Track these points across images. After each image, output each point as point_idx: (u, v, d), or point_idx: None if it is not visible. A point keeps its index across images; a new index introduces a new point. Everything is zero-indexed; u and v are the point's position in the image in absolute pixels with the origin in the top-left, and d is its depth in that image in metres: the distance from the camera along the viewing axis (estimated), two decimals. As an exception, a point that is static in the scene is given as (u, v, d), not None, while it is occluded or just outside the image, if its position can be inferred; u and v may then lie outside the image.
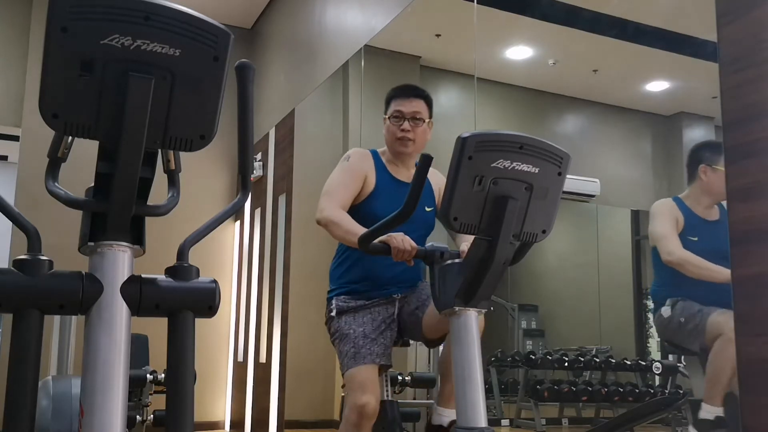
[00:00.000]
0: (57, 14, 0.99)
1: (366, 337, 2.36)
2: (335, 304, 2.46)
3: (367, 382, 2.28)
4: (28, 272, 1.11)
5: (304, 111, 5.09)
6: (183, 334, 1.18)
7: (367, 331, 2.37)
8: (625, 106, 5.24)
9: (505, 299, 5.53)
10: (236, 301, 5.91)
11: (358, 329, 2.38)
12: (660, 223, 2.95)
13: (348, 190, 2.43)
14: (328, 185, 2.45)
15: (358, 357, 2.32)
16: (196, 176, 5.67)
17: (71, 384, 2.02)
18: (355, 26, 4.41)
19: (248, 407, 5.37)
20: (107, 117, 1.05)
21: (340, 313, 2.44)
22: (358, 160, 2.50)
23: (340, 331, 2.42)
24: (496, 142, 1.48)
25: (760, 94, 1.84)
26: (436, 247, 1.77)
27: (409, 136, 2.48)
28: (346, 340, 2.38)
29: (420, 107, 2.50)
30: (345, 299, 2.46)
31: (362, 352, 2.33)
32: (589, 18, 3.95)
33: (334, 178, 2.47)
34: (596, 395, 4.76)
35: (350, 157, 2.52)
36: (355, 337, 2.36)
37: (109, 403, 1.08)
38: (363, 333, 2.37)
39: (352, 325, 2.40)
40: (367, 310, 2.43)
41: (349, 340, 2.37)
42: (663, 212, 2.97)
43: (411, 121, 2.48)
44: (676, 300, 2.89)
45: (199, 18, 1.07)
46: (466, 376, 1.58)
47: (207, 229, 1.28)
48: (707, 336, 2.77)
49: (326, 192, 2.43)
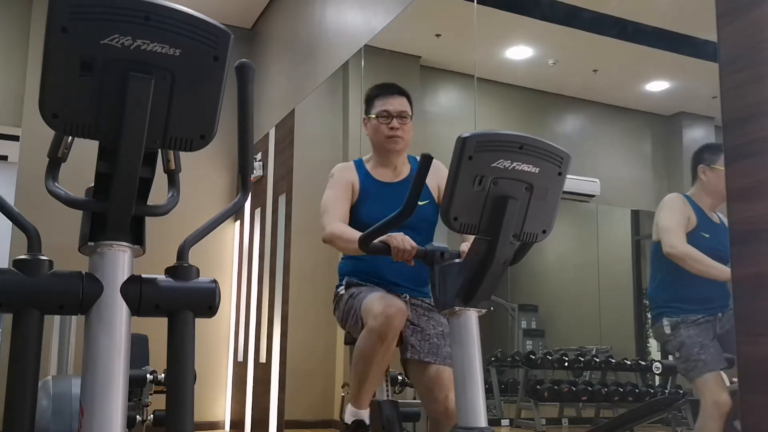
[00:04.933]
0: (57, 14, 0.99)
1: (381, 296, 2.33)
2: (345, 281, 2.50)
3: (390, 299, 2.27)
4: (28, 272, 1.11)
5: (304, 111, 5.09)
6: (183, 334, 1.18)
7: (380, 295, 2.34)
8: (625, 106, 5.24)
9: (505, 299, 5.53)
10: (236, 301, 5.91)
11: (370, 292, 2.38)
12: (668, 216, 2.95)
13: (342, 202, 2.49)
14: (324, 204, 2.51)
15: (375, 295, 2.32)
16: (196, 176, 5.67)
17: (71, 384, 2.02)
18: (355, 26, 4.41)
19: (248, 407, 5.37)
20: (107, 117, 1.05)
21: (350, 286, 2.47)
22: (341, 173, 2.57)
23: (352, 297, 2.42)
24: (496, 142, 1.48)
25: (760, 94, 1.84)
26: (436, 247, 1.77)
27: (398, 134, 2.52)
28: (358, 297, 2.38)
29: (405, 105, 2.56)
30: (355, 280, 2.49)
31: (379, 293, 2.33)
32: (589, 18, 3.95)
33: (326, 196, 2.53)
34: (596, 395, 4.76)
35: (334, 173, 2.59)
36: (368, 291, 2.38)
37: (109, 403, 1.08)
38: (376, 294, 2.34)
39: (362, 290, 2.42)
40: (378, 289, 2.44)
41: (362, 294, 2.38)
42: (674, 206, 2.97)
43: (399, 119, 2.52)
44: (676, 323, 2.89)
45: (199, 18, 1.07)
46: (466, 376, 1.58)
47: (207, 229, 1.28)
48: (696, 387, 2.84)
49: (324, 211, 2.48)
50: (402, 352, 2.46)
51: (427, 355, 2.37)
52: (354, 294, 2.43)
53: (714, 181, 2.89)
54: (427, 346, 2.39)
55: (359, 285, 2.48)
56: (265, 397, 4.98)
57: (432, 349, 2.38)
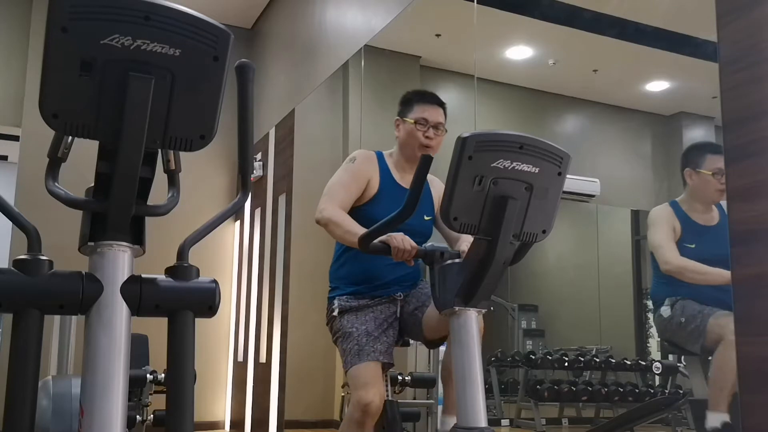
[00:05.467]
0: (57, 14, 0.99)
1: (369, 335, 2.36)
2: (337, 304, 2.46)
3: (371, 379, 2.28)
4: (28, 272, 1.11)
5: (304, 111, 5.08)
6: (183, 334, 1.18)
7: (369, 329, 2.37)
8: (625, 106, 5.23)
9: (505, 299, 5.52)
10: (236, 301, 5.91)
11: (361, 327, 2.38)
12: (657, 232, 2.93)
13: (349, 191, 2.43)
14: (330, 185, 2.46)
15: (362, 354, 2.32)
16: (196, 176, 5.67)
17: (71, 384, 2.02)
18: (355, 26, 4.41)
19: (248, 407, 5.37)
20: (107, 117, 1.05)
21: (342, 312, 2.44)
22: (362, 163, 2.51)
23: (343, 329, 2.41)
24: (496, 142, 1.48)
25: (760, 94, 1.84)
26: (436, 247, 1.77)
27: (432, 143, 2.52)
28: (348, 339, 2.38)
29: (442, 116, 2.56)
30: (347, 299, 2.46)
31: (365, 349, 2.33)
32: (589, 18, 3.95)
33: (336, 179, 2.47)
34: (596, 395, 4.76)
35: (355, 159, 2.52)
36: (358, 335, 2.36)
37: (109, 403, 1.08)
38: (366, 331, 2.37)
39: (354, 323, 2.40)
40: (370, 309, 2.43)
41: (352, 338, 2.37)
42: (659, 221, 2.94)
43: (435, 129, 2.52)
44: (675, 299, 2.87)
45: (199, 18, 1.07)
46: (466, 376, 1.58)
47: (207, 229, 1.28)
48: (708, 338, 2.74)
49: (327, 192, 2.44)
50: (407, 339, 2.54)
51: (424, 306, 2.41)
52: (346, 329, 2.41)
53: (700, 185, 2.82)
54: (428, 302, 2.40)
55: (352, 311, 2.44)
56: (265, 397, 4.98)
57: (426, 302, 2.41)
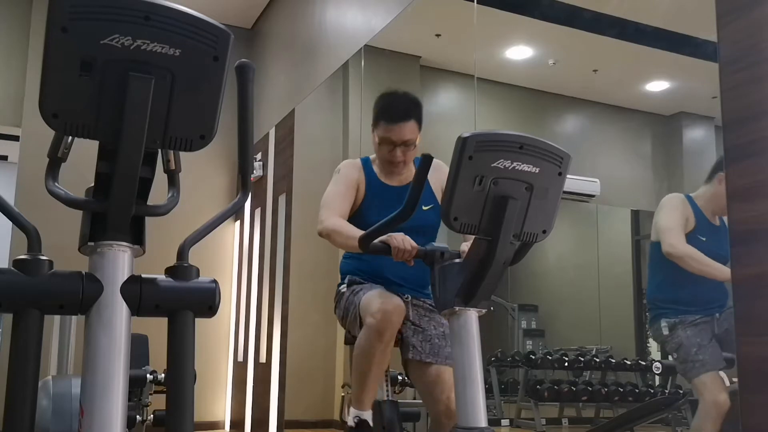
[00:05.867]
0: (57, 14, 0.99)
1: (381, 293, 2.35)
2: (348, 279, 2.51)
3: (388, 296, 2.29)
4: (28, 272, 1.11)
5: (304, 111, 5.08)
6: (183, 334, 1.18)
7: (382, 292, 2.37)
8: (625, 106, 5.23)
9: (505, 299, 5.53)
10: (236, 301, 5.91)
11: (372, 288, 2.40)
12: (668, 216, 2.93)
13: (344, 199, 2.47)
14: (325, 198, 2.49)
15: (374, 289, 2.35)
16: (196, 176, 5.67)
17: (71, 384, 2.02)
18: (355, 26, 4.41)
19: (248, 407, 5.37)
20: (107, 117, 1.05)
21: (351, 284, 2.48)
22: (349, 170, 2.54)
23: (353, 293, 2.43)
24: (496, 142, 1.48)
25: (760, 94, 1.84)
26: (436, 247, 1.77)
27: (400, 160, 2.48)
28: (360, 293, 2.40)
29: (408, 132, 2.43)
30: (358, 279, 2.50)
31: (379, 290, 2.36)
32: (589, 18, 3.95)
33: (329, 190, 2.51)
34: (596, 395, 4.76)
35: (340, 169, 2.57)
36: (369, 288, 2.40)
37: (109, 403, 1.08)
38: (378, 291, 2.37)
39: (364, 287, 2.43)
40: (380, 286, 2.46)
41: (363, 291, 2.40)
42: (674, 206, 2.95)
43: (403, 146, 2.45)
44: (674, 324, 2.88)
45: (199, 18, 1.07)
46: (466, 376, 1.57)
47: (207, 229, 1.28)
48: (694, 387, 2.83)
49: (324, 204, 2.47)
50: (403, 352, 2.46)
51: (428, 356, 2.38)
52: (355, 290, 2.44)
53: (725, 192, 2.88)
54: (428, 347, 2.39)
55: (361, 283, 2.48)
56: (265, 397, 4.98)
57: (433, 350, 2.39)
